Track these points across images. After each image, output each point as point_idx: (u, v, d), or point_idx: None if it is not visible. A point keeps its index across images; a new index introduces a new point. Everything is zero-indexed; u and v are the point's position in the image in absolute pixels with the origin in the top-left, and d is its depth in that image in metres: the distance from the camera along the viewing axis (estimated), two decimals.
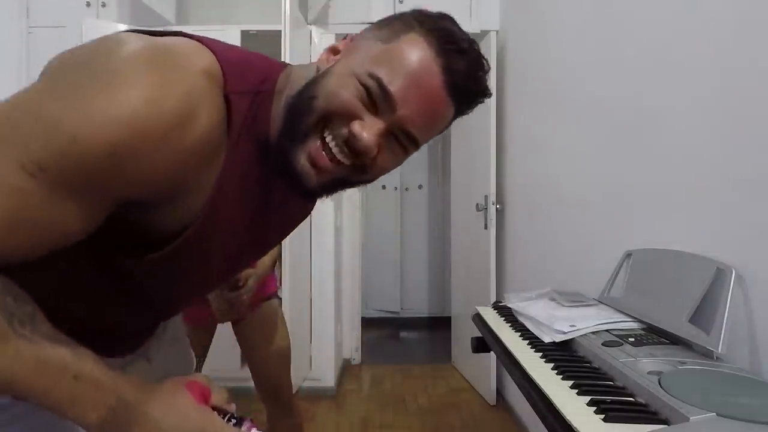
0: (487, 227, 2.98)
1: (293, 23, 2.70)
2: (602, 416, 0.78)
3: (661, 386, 0.81)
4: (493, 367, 2.98)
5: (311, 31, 3.14)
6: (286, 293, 2.55)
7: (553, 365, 1.02)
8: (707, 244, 1.16)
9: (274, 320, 1.76)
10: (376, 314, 4.84)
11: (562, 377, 0.96)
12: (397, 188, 4.93)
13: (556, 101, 2.25)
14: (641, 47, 1.51)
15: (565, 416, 0.79)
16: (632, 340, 1.06)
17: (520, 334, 1.26)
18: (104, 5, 2.84)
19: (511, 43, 2.95)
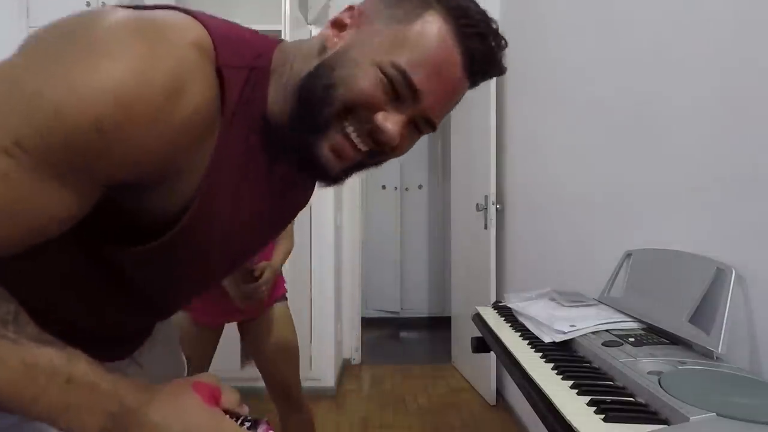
0: (487, 227, 2.98)
1: (293, 23, 2.70)
2: (602, 416, 0.78)
3: (661, 386, 0.81)
4: (493, 367, 2.98)
5: (311, 31, 3.15)
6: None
7: (553, 365, 1.02)
8: (707, 244, 1.16)
9: (284, 321, 1.82)
10: (376, 314, 4.85)
11: (562, 377, 0.96)
12: (397, 188, 4.93)
13: (556, 101, 2.25)
14: (641, 47, 1.51)
15: (565, 416, 0.79)
16: (632, 340, 1.06)
17: (520, 334, 1.26)
18: (104, 5, 2.84)
19: (511, 42, 2.88)
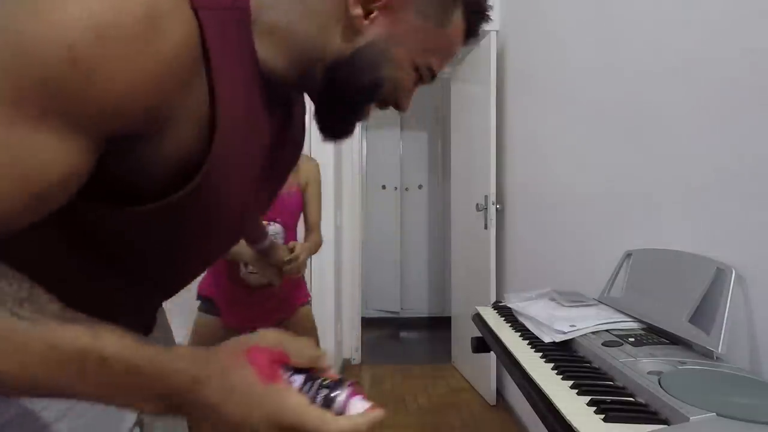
0: (487, 227, 2.98)
1: None
2: (602, 416, 0.78)
3: (661, 386, 0.81)
4: (493, 367, 2.98)
5: None
6: None
7: (553, 365, 1.02)
8: (707, 244, 1.16)
9: (309, 326, 1.89)
10: (376, 314, 4.85)
11: (562, 377, 0.96)
12: (397, 188, 4.93)
13: (556, 101, 2.25)
14: (641, 47, 1.52)
15: (565, 416, 0.79)
16: (632, 340, 1.06)
17: (520, 334, 1.26)
18: None
19: (511, 43, 2.95)
